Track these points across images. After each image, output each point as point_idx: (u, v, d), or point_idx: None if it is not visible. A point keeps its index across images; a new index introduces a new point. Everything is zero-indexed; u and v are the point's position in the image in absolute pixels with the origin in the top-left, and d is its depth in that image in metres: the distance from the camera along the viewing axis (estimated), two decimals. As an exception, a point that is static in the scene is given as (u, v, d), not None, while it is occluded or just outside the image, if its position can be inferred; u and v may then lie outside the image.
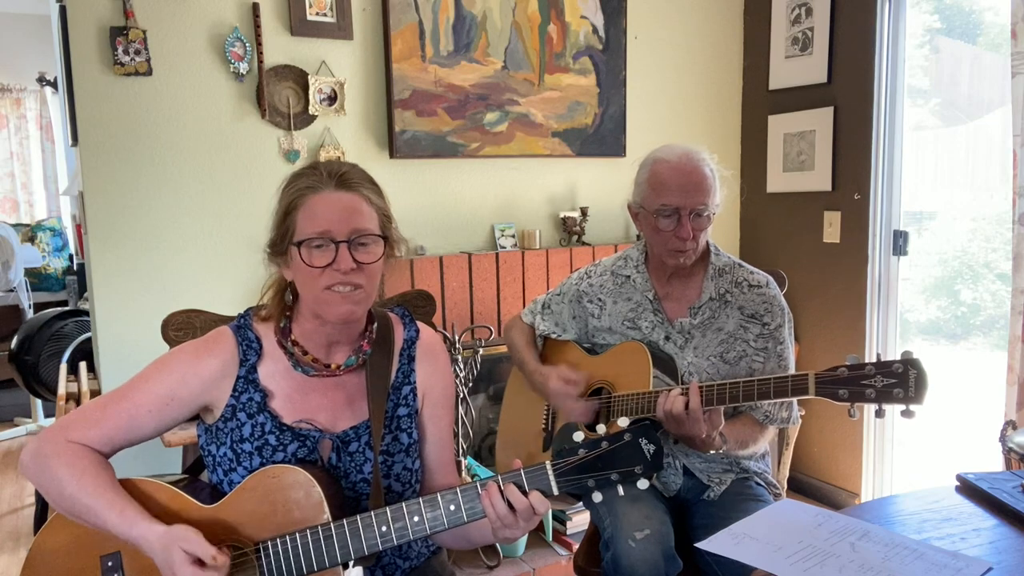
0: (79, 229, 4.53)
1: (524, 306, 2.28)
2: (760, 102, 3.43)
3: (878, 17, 2.92)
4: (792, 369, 1.82)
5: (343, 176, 1.29)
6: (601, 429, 1.28)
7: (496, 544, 2.63)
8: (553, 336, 2.01)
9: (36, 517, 3.01)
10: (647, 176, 1.78)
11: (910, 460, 3.12)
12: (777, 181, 3.36)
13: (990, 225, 2.92)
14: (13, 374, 3.94)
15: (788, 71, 3.27)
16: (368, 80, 2.81)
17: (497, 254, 2.98)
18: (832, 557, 1.16)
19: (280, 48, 2.65)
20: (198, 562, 1.16)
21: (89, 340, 3.61)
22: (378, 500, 1.30)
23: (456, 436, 2.71)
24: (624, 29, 3.18)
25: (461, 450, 2.73)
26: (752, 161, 3.50)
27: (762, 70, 3.39)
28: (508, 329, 2.11)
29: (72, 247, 5.68)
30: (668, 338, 1.82)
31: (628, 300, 1.88)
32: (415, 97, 2.84)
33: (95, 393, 2.54)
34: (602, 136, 3.20)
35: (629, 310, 1.87)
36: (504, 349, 2.14)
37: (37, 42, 6.10)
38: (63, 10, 2.51)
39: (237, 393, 1.32)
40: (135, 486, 1.27)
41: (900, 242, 3.01)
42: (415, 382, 1.42)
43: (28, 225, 5.95)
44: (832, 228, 3.16)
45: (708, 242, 1.85)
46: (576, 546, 2.11)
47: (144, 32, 2.44)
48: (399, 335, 1.43)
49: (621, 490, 1.21)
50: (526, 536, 2.63)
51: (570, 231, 3.14)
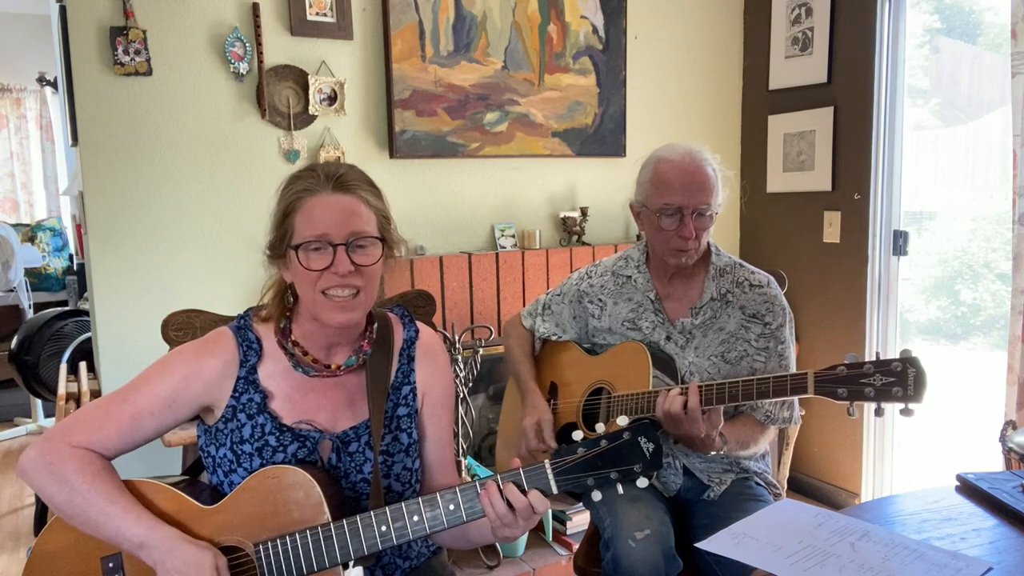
0: (79, 229, 4.53)
1: (524, 306, 2.28)
2: (760, 102, 3.43)
3: (878, 17, 2.92)
4: (793, 369, 1.81)
5: (340, 178, 1.29)
6: (600, 428, 1.28)
7: (496, 544, 2.63)
8: (553, 338, 2.01)
9: (36, 517, 3.01)
10: (650, 175, 1.78)
11: (910, 460, 3.11)
12: (777, 181, 3.36)
13: (990, 225, 2.92)
14: (13, 374, 3.94)
15: (788, 71, 3.27)
16: (368, 80, 2.81)
17: (497, 254, 2.98)
18: (832, 557, 1.16)
19: (280, 48, 2.65)
20: None
21: (89, 340, 3.61)
22: (378, 500, 1.30)
23: (456, 436, 2.71)
24: (624, 29, 3.18)
25: (461, 450, 2.73)
26: (752, 161, 3.50)
27: (762, 70, 3.39)
28: (507, 334, 2.10)
29: (72, 247, 5.68)
30: (669, 338, 1.82)
31: (629, 300, 1.88)
32: (415, 97, 2.84)
33: (95, 393, 2.54)
34: (602, 136, 3.20)
35: (630, 310, 1.87)
36: (504, 352, 2.14)
37: (37, 42, 6.10)
38: (63, 10, 2.51)
39: (237, 394, 1.32)
40: (136, 487, 1.27)
41: (900, 242, 3.01)
42: (415, 382, 1.42)
43: (28, 225, 5.95)
44: (832, 228, 3.16)
45: (709, 242, 1.85)
46: (576, 546, 2.11)
47: (144, 32, 2.45)
48: (399, 335, 1.43)
49: (620, 488, 1.21)
50: (526, 536, 2.63)
51: (570, 231, 3.13)
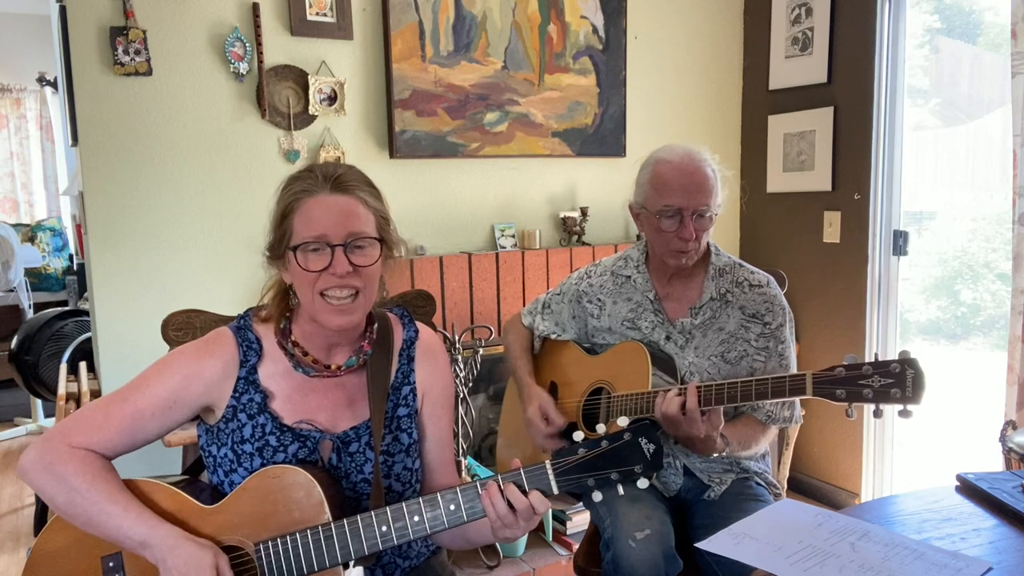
0: (79, 229, 4.53)
1: (524, 306, 2.28)
2: (760, 102, 3.43)
3: (878, 17, 2.92)
4: (793, 369, 1.81)
5: (338, 179, 1.29)
6: (601, 429, 1.28)
7: (496, 544, 2.63)
8: (553, 336, 2.01)
9: (36, 517, 3.01)
10: (649, 176, 1.77)
11: (910, 460, 3.11)
12: (777, 181, 3.36)
13: (990, 225, 2.92)
14: (13, 374, 3.94)
15: (788, 71, 3.27)
16: (368, 80, 2.81)
17: (497, 254, 2.98)
18: (832, 557, 1.16)
19: (280, 48, 2.65)
20: None
21: (89, 340, 3.61)
22: (378, 500, 1.30)
23: (456, 436, 2.71)
24: (624, 29, 3.18)
25: (461, 450, 2.73)
26: (752, 161, 3.50)
27: (762, 70, 3.39)
28: (506, 332, 2.11)
29: (72, 247, 5.68)
30: (669, 338, 1.82)
31: (628, 300, 1.88)
32: (415, 97, 2.84)
33: (95, 393, 2.54)
34: (602, 136, 3.20)
35: (629, 310, 1.87)
36: (503, 350, 2.14)
37: (37, 42, 6.10)
38: (63, 10, 2.51)
39: (238, 394, 1.32)
40: (136, 487, 1.27)
41: (900, 242, 3.01)
42: (415, 382, 1.42)
43: (28, 225, 5.95)
44: (832, 228, 3.16)
45: (709, 242, 1.85)
46: (576, 546, 2.11)
47: (144, 32, 2.44)
48: (398, 335, 1.43)
49: (621, 489, 1.21)
50: (526, 536, 2.63)
51: (570, 231, 3.13)
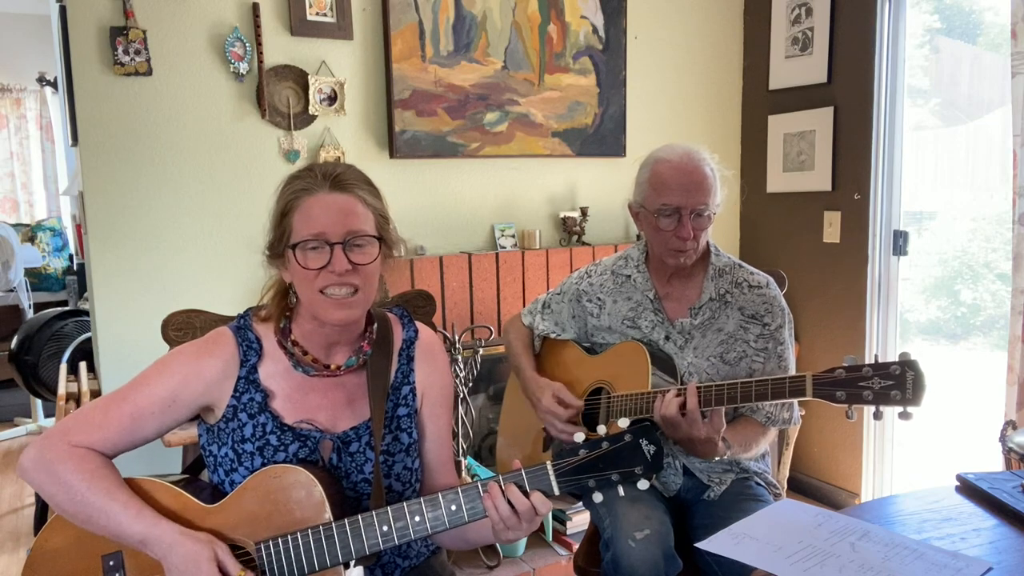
0: (79, 229, 4.53)
1: (524, 306, 2.28)
2: (760, 102, 3.43)
3: (878, 17, 2.92)
4: (792, 370, 1.81)
5: (338, 177, 1.29)
6: (601, 430, 1.29)
7: (496, 544, 2.63)
8: (552, 336, 2.01)
9: (36, 517, 3.01)
10: (648, 176, 1.78)
11: (910, 460, 3.12)
12: (777, 181, 3.36)
13: (990, 225, 2.92)
14: (13, 374, 3.94)
15: (788, 71, 3.27)
16: (368, 80, 2.81)
17: (497, 254, 2.98)
18: (832, 557, 1.16)
19: (280, 48, 2.65)
20: (225, 574, 1.19)
21: (89, 340, 3.61)
22: (379, 500, 1.30)
23: (456, 436, 2.71)
24: (624, 29, 3.18)
25: (461, 450, 2.73)
26: (752, 161, 3.50)
27: (762, 70, 3.39)
28: (506, 331, 2.11)
29: (72, 247, 5.68)
30: (668, 338, 1.82)
31: (628, 300, 1.88)
32: (415, 97, 2.84)
33: (95, 393, 2.54)
34: (602, 136, 3.20)
35: (629, 309, 1.87)
36: (504, 349, 2.14)
37: (37, 42, 6.10)
38: (63, 10, 2.51)
39: (238, 393, 1.32)
40: (138, 486, 1.28)
41: (900, 242, 3.01)
42: (414, 382, 1.42)
43: (28, 225, 5.95)
44: (832, 228, 3.16)
45: (708, 242, 1.85)
46: (576, 546, 2.11)
47: (144, 32, 2.45)
48: (398, 335, 1.43)
49: (621, 490, 1.21)
50: (526, 536, 2.63)
51: (570, 231, 3.14)
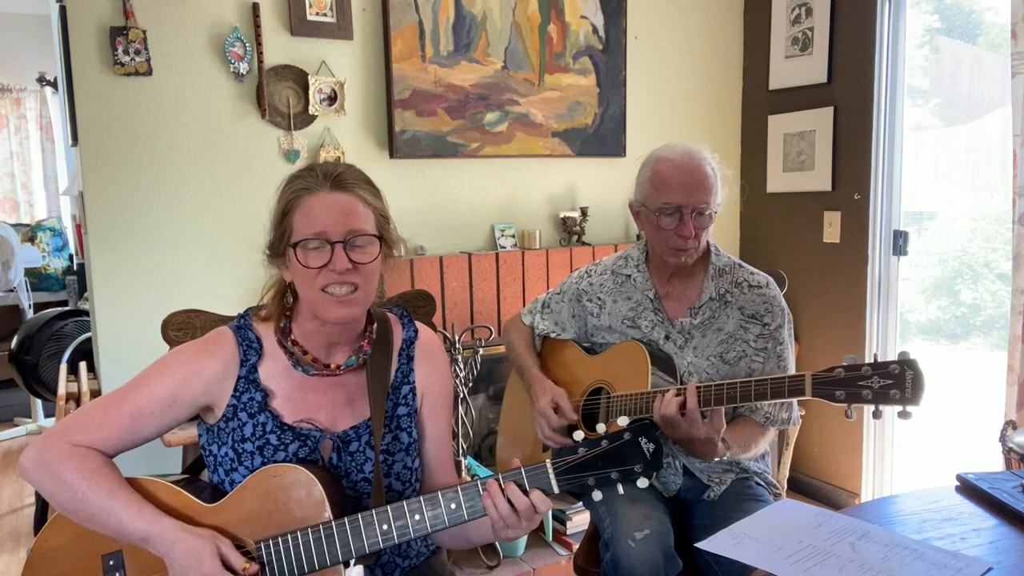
0: (79, 229, 4.53)
1: (524, 306, 2.28)
2: (760, 102, 3.43)
3: (878, 17, 2.93)
4: (792, 370, 1.81)
5: (338, 177, 1.29)
6: (601, 428, 1.29)
7: (496, 544, 2.63)
8: (552, 335, 2.01)
9: (36, 517, 3.01)
10: (649, 175, 1.78)
11: (910, 460, 3.11)
12: (777, 181, 3.36)
13: (990, 225, 2.92)
14: (13, 374, 3.94)
15: (788, 71, 3.27)
16: (368, 80, 2.81)
17: (497, 254, 2.98)
18: (832, 557, 1.16)
19: (280, 48, 2.66)
20: (228, 568, 1.20)
21: (89, 340, 3.61)
22: (379, 499, 1.30)
23: (456, 436, 2.71)
24: (624, 29, 3.18)
25: (461, 450, 2.73)
26: (752, 161, 3.50)
27: (762, 70, 3.39)
28: (507, 331, 2.11)
29: (72, 247, 5.68)
30: (668, 337, 1.82)
31: (628, 299, 1.88)
32: (415, 97, 2.84)
33: (95, 393, 2.54)
34: (602, 136, 3.20)
35: (629, 309, 1.87)
36: (504, 349, 2.14)
37: (37, 42, 6.10)
38: (63, 10, 2.51)
39: (238, 393, 1.32)
40: (138, 485, 1.28)
41: (900, 242, 3.01)
42: (414, 382, 1.42)
43: (28, 225, 5.95)
44: (832, 228, 3.16)
45: (709, 242, 1.85)
46: (576, 546, 2.11)
47: (144, 32, 2.45)
48: (398, 335, 1.43)
49: (621, 489, 1.21)
50: (526, 536, 2.64)
51: (570, 231, 3.13)
